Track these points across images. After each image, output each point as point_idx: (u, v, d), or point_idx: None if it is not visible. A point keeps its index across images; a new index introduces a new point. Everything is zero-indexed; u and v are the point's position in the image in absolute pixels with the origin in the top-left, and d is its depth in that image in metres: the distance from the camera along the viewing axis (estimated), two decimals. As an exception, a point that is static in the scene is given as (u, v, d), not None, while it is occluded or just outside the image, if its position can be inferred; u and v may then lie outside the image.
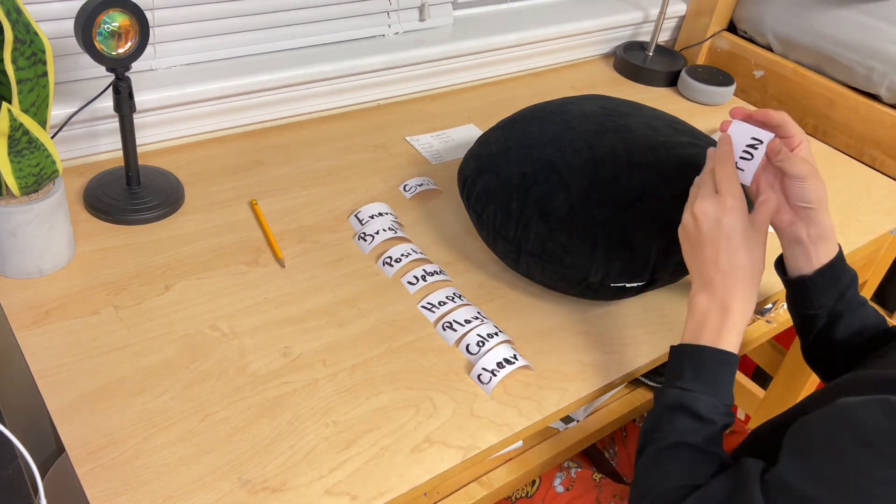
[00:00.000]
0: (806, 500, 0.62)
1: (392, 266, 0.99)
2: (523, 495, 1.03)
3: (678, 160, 0.98)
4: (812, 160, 0.85)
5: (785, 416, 0.83)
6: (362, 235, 1.03)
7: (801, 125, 1.54)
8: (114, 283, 0.91)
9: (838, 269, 0.89)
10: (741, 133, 0.84)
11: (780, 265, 0.93)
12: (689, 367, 0.77)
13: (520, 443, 0.94)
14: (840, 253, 0.89)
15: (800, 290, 0.91)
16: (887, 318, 0.93)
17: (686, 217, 0.83)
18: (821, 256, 0.88)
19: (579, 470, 1.04)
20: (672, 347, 0.81)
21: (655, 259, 0.93)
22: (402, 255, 1.00)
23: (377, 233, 1.03)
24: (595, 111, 1.05)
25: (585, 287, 0.95)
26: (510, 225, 0.95)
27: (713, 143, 1.05)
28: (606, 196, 0.94)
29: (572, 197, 0.94)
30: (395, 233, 1.04)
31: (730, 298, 0.78)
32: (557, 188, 0.94)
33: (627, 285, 0.95)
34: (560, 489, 1.02)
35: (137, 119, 1.06)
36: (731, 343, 0.77)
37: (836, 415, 0.64)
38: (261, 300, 0.92)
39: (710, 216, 0.80)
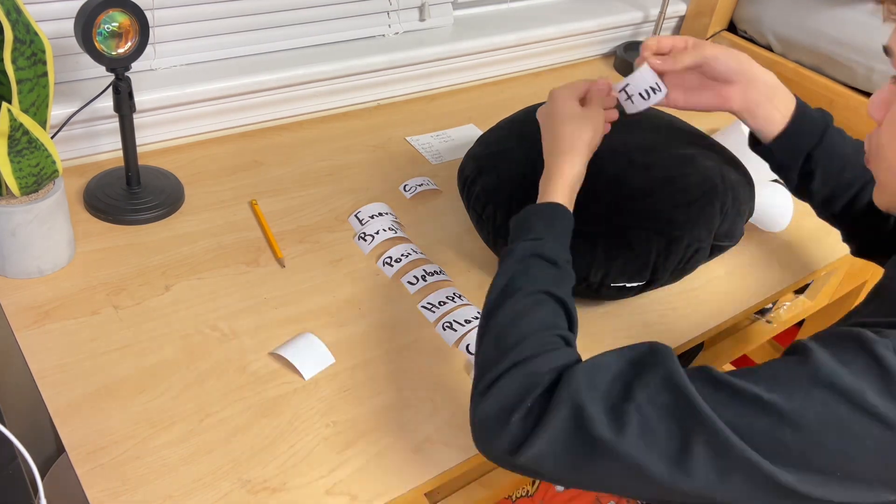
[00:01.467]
0: (725, 384, 0.58)
1: (392, 266, 0.99)
2: (523, 494, 1.03)
3: (678, 160, 0.98)
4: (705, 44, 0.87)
5: None
6: (362, 235, 1.03)
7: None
8: (114, 283, 0.91)
9: (795, 132, 0.87)
10: (645, 78, 0.88)
11: (755, 141, 0.93)
12: (536, 222, 0.79)
13: (520, 443, 0.94)
14: (798, 112, 0.87)
15: (765, 157, 0.92)
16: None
17: (541, 108, 0.92)
18: (784, 111, 0.88)
19: (579, 470, 1.04)
20: (513, 217, 0.82)
21: (655, 259, 0.93)
22: (402, 255, 1.00)
23: (377, 233, 1.03)
24: (595, 111, 1.05)
25: (585, 287, 0.95)
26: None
27: (713, 144, 1.05)
28: (606, 196, 0.94)
29: (572, 197, 0.94)
30: (396, 233, 1.04)
31: (554, 163, 0.84)
32: (557, 188, 0.94)
33: (627, 285, 0.95)
34: (560, 488, 1.02)
35: (137, 119, 1.06)
36: (560, 197, 0.81)
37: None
38: (261, 300, 0.92)
39: (542, 109, 0.91)
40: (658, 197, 0.94)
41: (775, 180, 1.22)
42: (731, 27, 1.68)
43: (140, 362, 0.82)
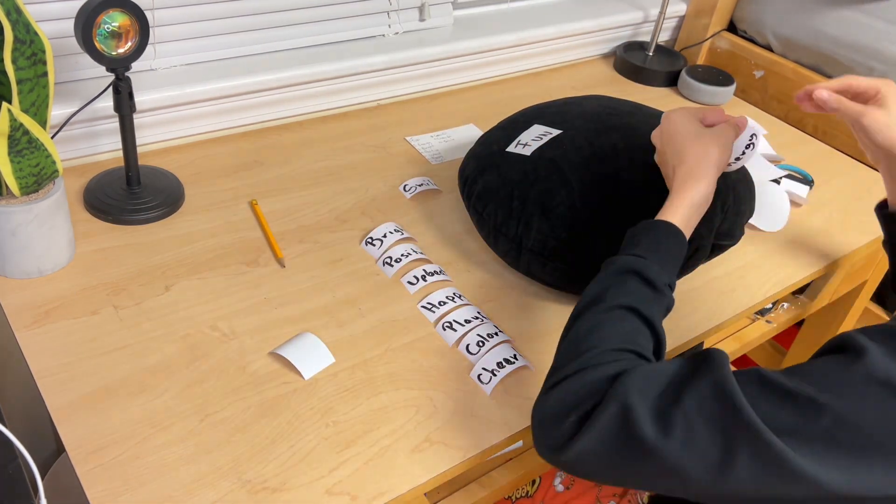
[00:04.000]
0: (777, 386, 0.59)
1: (392, 266, 0.99)
2: (523, 494, 1.03)
3: (678, 160, 0.98)
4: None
5: None
6: (370, 240, 1.03)
7: (801, 125, 1.54)
8: (114, 283, 0.91)
9: None
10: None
11: (882, 206, 0.96)
12: (644, 238, 0.78)
13: (520, 443, 0.94)
14: None
15: (889, 224, 0.94)
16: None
17: (654, 131, 0.91)
18: None
19: (579, 470, 1.04)
20: (629, 229, 0.82)
21: (655, 259, 0.93)
22: (402, 255, 1.00)
23: (384, 236, 1.03)
24: (596, 110, 1.06)
25: (586, 284, 0.95)
26: (511, 223, 0.96)
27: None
28: (608, 193, 0.94)
29: (574, 194, 0.94)
30: (402, 234, 1.04)
31: (679, 184, 0.82)
32: (559, 185, 0.94)
33: (627, 285, 0.95)
34: (560, 488, 1.02)
35: (137, 119, 1.06)
36: (677, 219, 0.79)
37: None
38: (261, 300, 0.92)
39: (657, 131, 0.90)
40: (659, 195, 0.94)
41: (774, 180, 1.22)
42: (731, 27, 1.68)
43: (140, 362, 0.82)
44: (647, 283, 0.73)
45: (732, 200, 0.97)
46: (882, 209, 0.97)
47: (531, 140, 1.00)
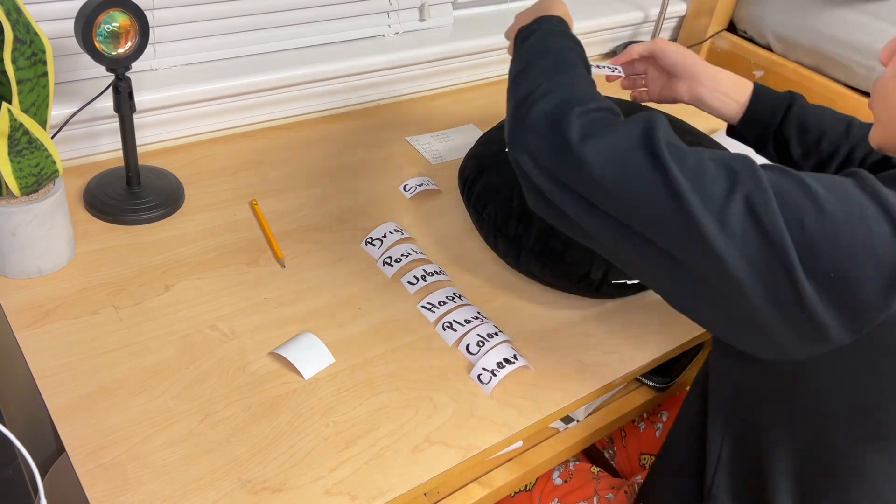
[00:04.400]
0: (791, 173, 0.61)
1: (392, 266, 0.99)
2: (522, 489, 1.03)
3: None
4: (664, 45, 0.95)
5: None
6: (370, 241, 1.03)
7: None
8: (114, 283, 0.91)
9: (755, 113, 0.93)
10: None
11: (731, 129, 0.98)
12: (541, 23, 0.85)
13: (520, 443, 0.94)
14: (755, 96, 0.93)
15: (741, 141, 0.97)
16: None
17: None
18: (738, 97, 0.93)
19: (577, 463, 1.05)
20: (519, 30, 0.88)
21: (655, 259, 0.93)
22: (402, 255, 1.00)
23: (384, 236, 1.03)
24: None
25: (587, 284, 0.95)
26: (511, 222, 0.96)
27: (714, 143, 1.06)
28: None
29: (572, 197, 0.94)
30: (402, 234, 1.04)
31: (545, 7, 0.90)
32: (557, 188, 0.94)
33: (628, 283, 0.95)
34: (558, 482, 1.02)
35: (137, 119, 1.06)
36: (557, 13, 0.88)
37: None
38: (261, 300, 0.92)
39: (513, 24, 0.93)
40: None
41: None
42: (731, 27, 1.68)
43: (140, 362, 0.82)
44: (570, 38, 0.83)
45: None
46: (732, 130, 0.98)
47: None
